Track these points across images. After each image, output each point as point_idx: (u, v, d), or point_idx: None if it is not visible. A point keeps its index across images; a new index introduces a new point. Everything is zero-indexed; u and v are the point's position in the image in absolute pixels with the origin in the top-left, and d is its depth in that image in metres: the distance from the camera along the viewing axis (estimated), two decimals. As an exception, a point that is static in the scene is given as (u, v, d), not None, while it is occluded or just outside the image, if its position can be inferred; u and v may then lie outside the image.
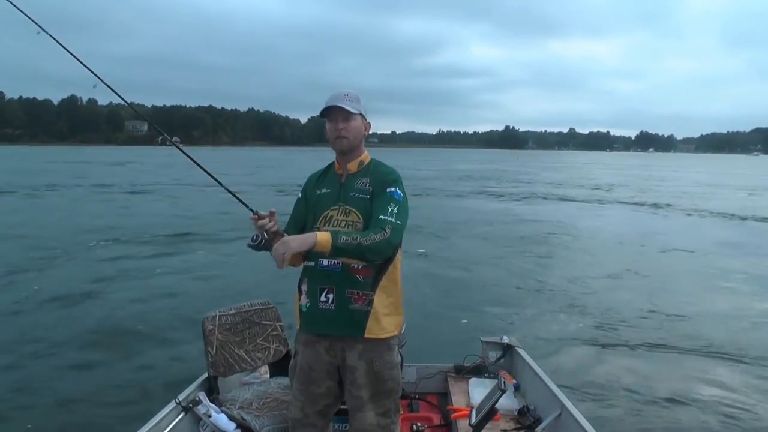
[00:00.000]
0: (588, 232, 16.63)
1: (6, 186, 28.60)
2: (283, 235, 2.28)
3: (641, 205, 25.39)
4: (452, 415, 3.47)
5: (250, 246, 2.29)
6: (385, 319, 2.45)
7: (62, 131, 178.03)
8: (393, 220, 2.32)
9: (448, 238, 15.05)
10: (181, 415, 3.01)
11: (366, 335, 2.41)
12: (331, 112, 2.45)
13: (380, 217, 2.32)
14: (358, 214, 2.41)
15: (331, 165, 2.63)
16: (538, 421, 3.26)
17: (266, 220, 2.30)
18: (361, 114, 2.49)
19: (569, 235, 15.90)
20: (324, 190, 2.54)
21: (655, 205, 25.14)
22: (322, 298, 2.42)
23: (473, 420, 3.20)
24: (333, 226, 2.43)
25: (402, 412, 3.50)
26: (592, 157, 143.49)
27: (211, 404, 3.12)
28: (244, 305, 3.55)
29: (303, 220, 2.58)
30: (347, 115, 2.44)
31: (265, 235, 2.28)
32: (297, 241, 2.18)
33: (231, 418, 3.09)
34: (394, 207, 2.35)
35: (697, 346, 6.70)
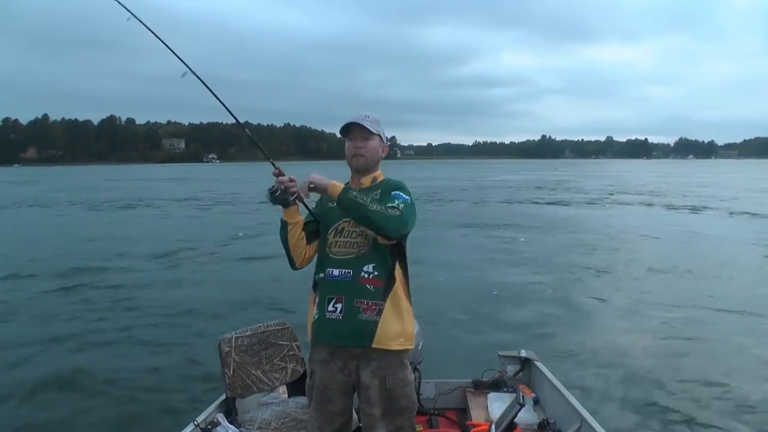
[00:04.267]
0: (625, 238, 16.28)
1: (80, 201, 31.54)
2: (302, 198, 2.50)
3: (682, 208, 24.94)
4: (471, 431, 3.44)
5: (268, 195, 2.46)
6: (394, 329, 2.44)
7: (101, 150, 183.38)
8: (401, 208, 2.37)
9: (470, 246, 15.12)
10: None
11: (374, 345, 2.41)
12: (351, 130, 2.55)
13: (388, 204, 2.38)
14: None
15: (349, 182, 2.67)
16: (558, 434, 3.23)
17: (285, 177, 2.44)
18: (379, 135, 2.58)
19: (601, 241, 15.66)
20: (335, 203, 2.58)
21: (698, 209, 24.72)
22: (330, 308, 2.44)
23: (493, 435, 3.19)
24: (344, 237, 2.49)
25: (421, 428, 3.50)
26: (631, 165, 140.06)
27: (229, 425, 3.14)
28: (260, 326, 3.58)
29: (315, 219, 2.64)
30: (367, 134, 2.54)
31: (282, 188, 2.43)
32: (318, 176, 2.41)
33: (250, 438, 3.12)
34: (401, 203, 2.40)
35: (733, 362, 6.41)
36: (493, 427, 3.26)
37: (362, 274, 2.43)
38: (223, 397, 3.37)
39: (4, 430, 4.94)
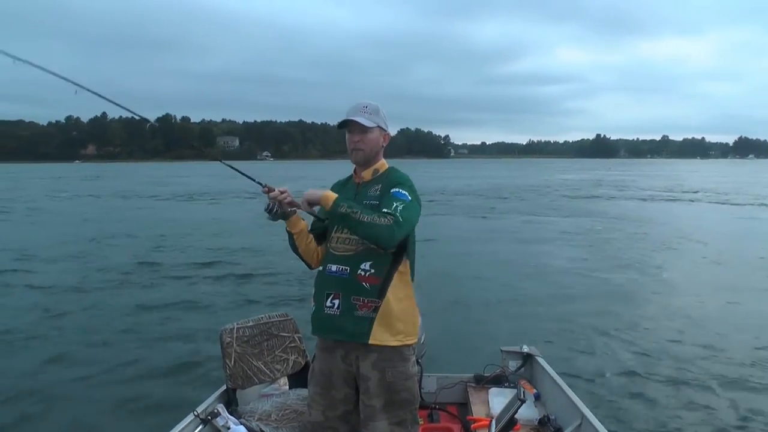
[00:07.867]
0: (680, 236, 15.96)
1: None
2: (298, 205, 2.49)
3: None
4: (472, 426, 3.42)
5: (266, 215, 2.50)
6: (393, 326, 2.44)
7: (156, 148, 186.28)
8: (397, 214, 2.31)
9: (481, 241, 15.23)
10: (199, 428, 3.07)
11: (371, 342, 2.42)
12: (348, 124, 2.54)
13: (384, 210, 2.34)
14: None
15: (352, 174, 2.70)
16: (558, 431, 3.18)
17: (276, 192, 2.45)
18: (378, 126, 2.56)
19: (650, 237, 15.44)
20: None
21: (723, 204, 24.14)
22: (328, 304, 2.47)
23: (493, 430, 3.15)
24: (345, 233, 2.48)
25: (422, 422, 3.48)
26: (687, 165, 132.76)
27: (229, 416, 3.19)
28: (262, 317, 3.62)
29: (320, 218, 2.66)
30: (363, 128, 2.52)
31: (277, 204, 2.46)
32: (312, 191, 2.41)
33: (250, 430, 3.14)
34: (399, 204, 2.35)
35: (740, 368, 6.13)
36: (493, 422, 3.22)
37: (359, 271, 2.43)
38: (224, 387, 3.41)
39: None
